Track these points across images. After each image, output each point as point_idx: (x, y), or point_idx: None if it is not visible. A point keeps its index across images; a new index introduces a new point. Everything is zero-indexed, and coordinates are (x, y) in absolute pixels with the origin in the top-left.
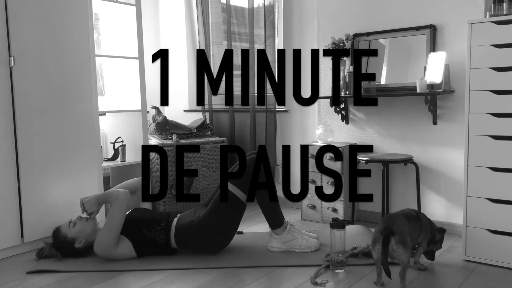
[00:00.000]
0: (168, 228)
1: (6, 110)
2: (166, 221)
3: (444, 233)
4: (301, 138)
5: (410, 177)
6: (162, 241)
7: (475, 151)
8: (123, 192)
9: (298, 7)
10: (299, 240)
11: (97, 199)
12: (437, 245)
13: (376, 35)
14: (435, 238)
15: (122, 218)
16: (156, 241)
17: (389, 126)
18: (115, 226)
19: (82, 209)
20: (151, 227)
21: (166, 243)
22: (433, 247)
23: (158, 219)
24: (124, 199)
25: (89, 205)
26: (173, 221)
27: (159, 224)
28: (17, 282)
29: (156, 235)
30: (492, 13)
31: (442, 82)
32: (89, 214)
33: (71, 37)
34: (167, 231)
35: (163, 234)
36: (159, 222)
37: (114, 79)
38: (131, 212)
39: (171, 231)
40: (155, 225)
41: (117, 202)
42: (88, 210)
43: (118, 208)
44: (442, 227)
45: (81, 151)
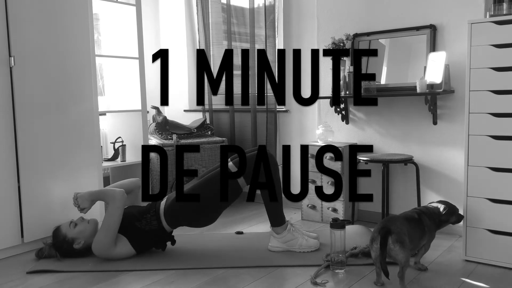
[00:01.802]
0: (157, 213)
1: (6, 110)
2: (154, 207)
3: (456, 218)
4: (301, 138)
5: (410, 177)
6: (154, 226)
7: (475, 151)
8: (119, 192)
9: (298, 7)
10: (299, 239)
11: (91, 196)
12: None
13: (376, 35)
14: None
15: (119, 217)
16: (150, 229)
17: (389, 126)
18: (112, 224)
19: (75, 203)
20: (142, 218)
21: (159, 227)
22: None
23: (147, 209)
24: (120, 199)
25: (81, 200)
26: (161, 204)
27: (148, 212)
28: (17, 282)
29: (148, 223)
30: (492, 13)
31: (442, 82)
32: (81, 209)
33: (71, 37)
34: (157, 215)
35: (154, 220)
36: (149, 211)
37: (114, 79)
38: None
39: (161, 214)
40: (145, 214)
41: (114, 201)
42: (80, 205)
43: (115, 207)
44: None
45: (81, 151)
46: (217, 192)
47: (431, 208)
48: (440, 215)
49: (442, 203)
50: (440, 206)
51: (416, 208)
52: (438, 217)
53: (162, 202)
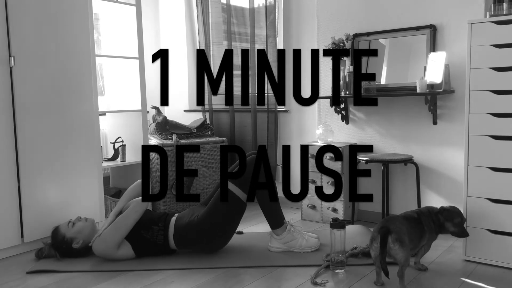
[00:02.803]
0: (166, 229)
1: (6, 110)
2: (164, 221)
3: (457, 229)
4: (301, 138)
5: (410, 177)
6: (160, 241)
7: (475, 151)
8: (145, 202)
9: (298, 7)
10: (299, 240)
11: (114, 215)
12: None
13: (376, 35)
14: (450, 231)
15: (133, 221)
16: (155, 242)
17: (389, 126)
18: (124, 227)
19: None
20: (149, 228)
21: (164, 243)
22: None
23: (155, 220)
24: (143, 205)
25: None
26: (171, 220)
27: (157, 224)
28: (17, 282)
29: (154, 235)
30: (492, 13)
31: (442, 82)
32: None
33: (71, 37)
34: (165, 232)
35: (161, 235)
36: (157, 223)
37: (114, 79)
38: None
39: (169, 232)
40: (153, 225)
41: (136, 205)
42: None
43: (134, 210)
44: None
45: (81, 151)
46: (224, 215)
47: (431, 208)
48: (437, 214)
49: (449, 206)
50: (440, 207)
51: (415, 209)
52: (435, 217)
53: (173, 217)
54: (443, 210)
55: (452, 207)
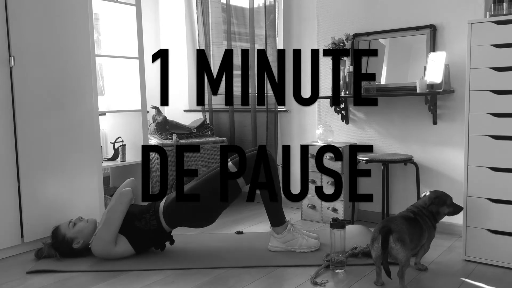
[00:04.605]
0: (156, 212)
1: (6, 110)
2: (154, 206)
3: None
4: (301, 138)
5: (410, 177)
6: (154, 226)
7: (475, 151)
8: (126, 189)
9: (298, 7)
10: (299, 239)
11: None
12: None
13: (376, 35)
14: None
15: (122, 213)
16: (149, 229)
17: (389, 126)
18: (114, 220)
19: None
20: (141, 217)
21: (158, 227)
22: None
23: (146, 208)
24: (126, 194)
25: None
26: (160, 204)
27: (148, 212)
28: (17, 282)
29: (148, 223)
30: (492, 13)
31: (442, 82)
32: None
33: (71, 37)
34: (157, 215)
35: (153, 219)
36: (148, 210)
37: (114, 79)
38: None
39: (160, 214)
40: (145, 214)
41: (119, 196)
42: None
43: (118, 202)
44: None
45: (81, 151)
46: (216, 192)
47: (419, 206)
48: (427, 206)
49: (430, 192)
50: (426, 198)
51: (408, 209)
52: (427, 211)
53: (161, 202)
54: (431, 202)
55: (436, 192)
